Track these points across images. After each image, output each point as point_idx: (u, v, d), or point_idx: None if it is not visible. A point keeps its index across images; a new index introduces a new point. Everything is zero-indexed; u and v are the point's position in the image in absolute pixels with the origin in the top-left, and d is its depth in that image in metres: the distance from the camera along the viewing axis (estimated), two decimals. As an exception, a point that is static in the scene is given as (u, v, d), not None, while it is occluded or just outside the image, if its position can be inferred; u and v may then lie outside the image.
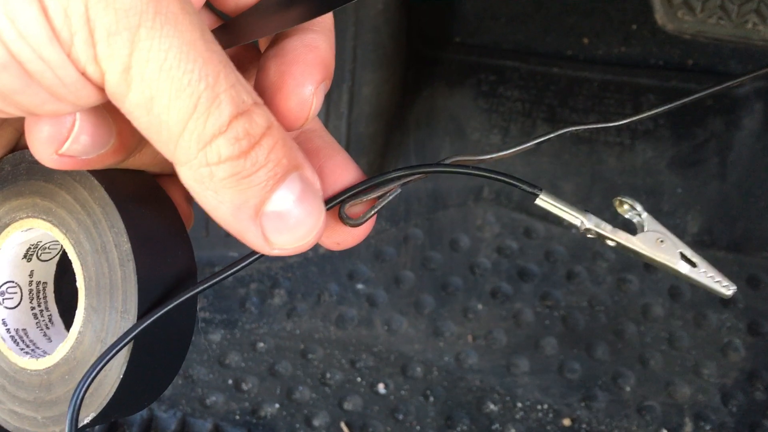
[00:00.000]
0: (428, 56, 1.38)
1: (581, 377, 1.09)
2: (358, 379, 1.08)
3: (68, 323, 0.41)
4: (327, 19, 0.37)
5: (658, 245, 0.37)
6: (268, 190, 0.31)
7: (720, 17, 1.02)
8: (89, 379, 0.33)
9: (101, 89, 0.29)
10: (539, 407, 1.06)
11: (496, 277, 1.19)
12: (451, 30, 1.42)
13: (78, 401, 0.33)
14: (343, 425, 1.02)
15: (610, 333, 1.13)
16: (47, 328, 0.41)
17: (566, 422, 1.04)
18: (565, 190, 1.28)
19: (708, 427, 1.03)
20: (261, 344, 1.12)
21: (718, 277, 0.37)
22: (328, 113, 1.23)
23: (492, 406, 1.06)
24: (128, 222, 0.34)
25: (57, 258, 0.41)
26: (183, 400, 1.04)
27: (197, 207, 0.33)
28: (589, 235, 0.38)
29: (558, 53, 1.40)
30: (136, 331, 0.33)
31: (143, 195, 0.36)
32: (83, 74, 0.28)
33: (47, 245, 0.40)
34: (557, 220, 1.25)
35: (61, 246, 0.40)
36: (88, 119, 0.31)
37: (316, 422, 1.03)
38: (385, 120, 1.30)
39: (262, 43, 0.39)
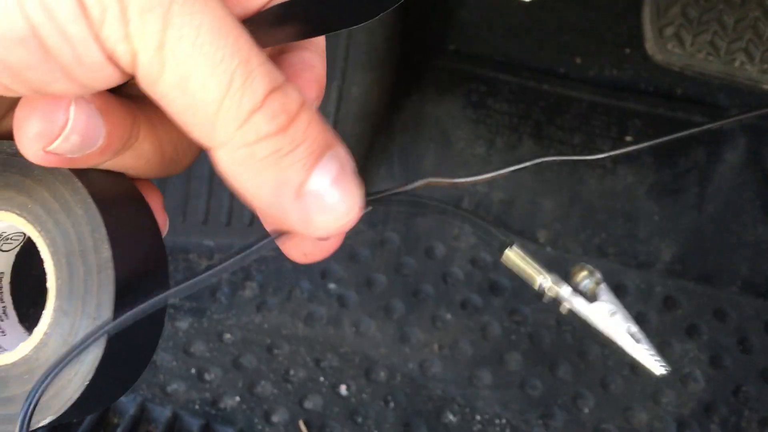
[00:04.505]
0: (421, 62, 1.38)
1: (542, 395, 1.10)
2: (321, 379, 1.09)
3: (23, 317, 0.41)
4: (321, 40, 0.37)
5: (610, 317, 0.39)
6: (308, 167, 0.30)
7: (709, 53, 1.03)
8: (44, 384, 0.32)
9: (121, 70, 0.28)
10: (497, 421, 1.07)
11: (468, 288, 1.20)
12: (446, 37, 1.42)
13: (31, 406, 0.33)
14: (301, 423, 1.03)
15: (574, 353, 1.14)
16: (0, 320, 0.41)
17: (522, 438, 1.05)
18: (544, 208, 1.29)
19: (661, 455, 1.04)
20: (228, 335, 1.12)
21: (657, 357, 0.39)
22: (314, 111, 1.23)
23: (451, 417, 1.07)
24: (110, 228, 0.33)
25: (18, 249, 0.41)
26: (144, 385, 1.05)
27: (170, 211, 0.33)
28: (548, 293, 0.39)
29: (550, 70, 1.40)
30: (103, 330, 0.33)
31: (125, 200, 0.36)
32: (111, 53, 0.27)
33: (11, 236, 0.39)
34: (533, 237, 1.26)
35: (24, 237, 0.39)
36: (80, 118, 0.30)
37: (274, 418, 1.04)
38: (372, 122, 1.30)
39: None
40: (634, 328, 0.38)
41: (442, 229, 1.26)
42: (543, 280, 0.38)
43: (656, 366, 0.39)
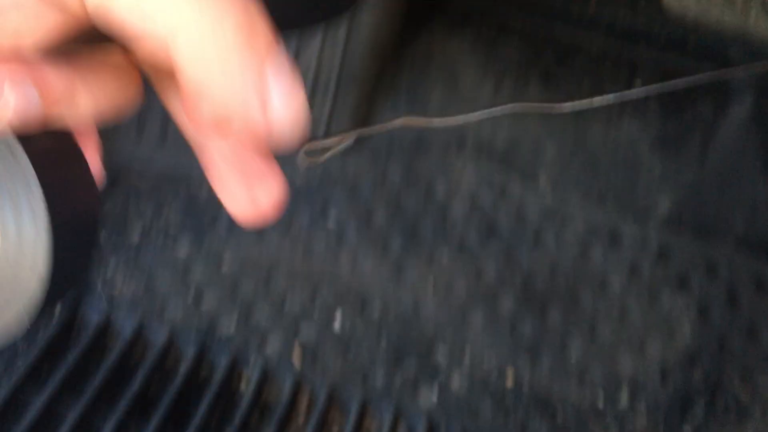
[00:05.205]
0: (431, 1, 1.36)
1: (530, 338, 1.12)
2: (316, 312, 1.11)
3: None
4: None
5: None
6: (269, 50, 0.30)
7: (724, 5, 1.02)
8: None
9: (70, 13, 0.28)
10: (485, 363, 1.09)
11: (465, 229, 1.21)
12: (458, -26, 1.39)
13: None
14: (296, 345, 1.05)
15: (565, 300, 1.15)
16: None
17: (509, 380, 1.08)
18: (548, 152, 1.29)
19: (642, 401, 1.07)
20: (225, 264, 1.14)
21: None
22: (323, 46, 1.22)
23: (440, 356, 1.09)
24: (47, 191, 0.35)
25: None
26: (140, 309, 1.06)
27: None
28: None
29: (563, 13, 1.38)
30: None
31: (63, 159, 0.37)
32: None
33: None
34: (535, 183, 1.27)
35: None
36: (18, 98, 0.30)
37: (268, 349, 1.06)
38: (380, 58, 1.29)
39: None
40: None
41: (443, 169, 1.26)
42: None
43: None
